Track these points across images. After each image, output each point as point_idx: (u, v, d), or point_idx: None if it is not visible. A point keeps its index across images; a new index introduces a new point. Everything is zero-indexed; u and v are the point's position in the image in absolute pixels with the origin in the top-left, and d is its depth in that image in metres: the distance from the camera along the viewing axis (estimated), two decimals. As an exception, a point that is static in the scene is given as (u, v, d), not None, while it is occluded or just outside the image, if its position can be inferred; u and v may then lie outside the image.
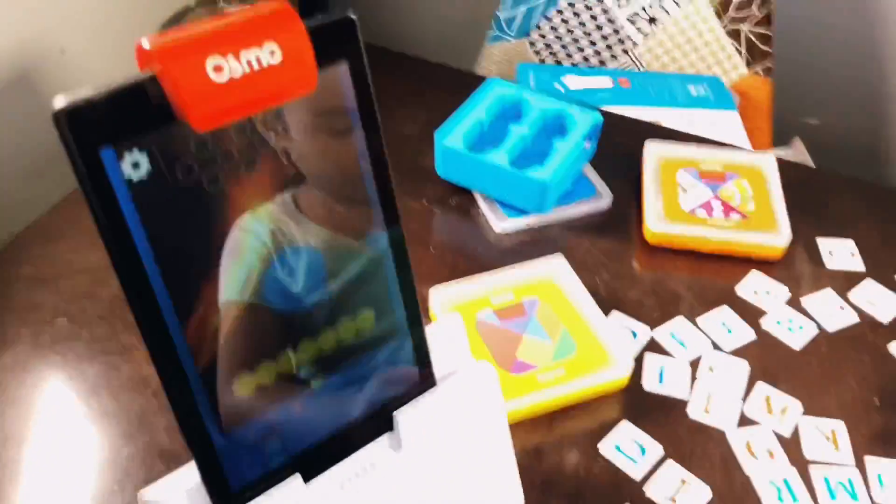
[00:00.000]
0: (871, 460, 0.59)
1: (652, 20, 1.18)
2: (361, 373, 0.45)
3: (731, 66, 1.17)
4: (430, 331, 0.48)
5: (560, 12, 1.20)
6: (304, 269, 0.42)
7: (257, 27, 0.34)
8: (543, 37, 1.22)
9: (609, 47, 1.21)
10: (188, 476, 0.42)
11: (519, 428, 0.60)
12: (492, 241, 0.76)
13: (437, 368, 0.49)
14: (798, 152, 1.19)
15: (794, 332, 0.68)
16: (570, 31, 1.21)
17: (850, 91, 1.31)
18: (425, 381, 0.48)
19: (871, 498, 0.57)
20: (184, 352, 0.38)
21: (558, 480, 0.58)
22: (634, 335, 0.67)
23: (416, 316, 0.47)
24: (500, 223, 0.76)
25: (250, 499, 0.43)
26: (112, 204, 0.34)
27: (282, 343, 0.42)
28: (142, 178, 0.34)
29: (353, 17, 0.38)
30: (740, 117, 1.06)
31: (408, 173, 0.81)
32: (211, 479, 0.41)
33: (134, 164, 0.34)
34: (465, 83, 0.86)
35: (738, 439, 0.60)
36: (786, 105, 1.28)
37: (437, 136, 0.76)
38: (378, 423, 0.47)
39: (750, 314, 0.70)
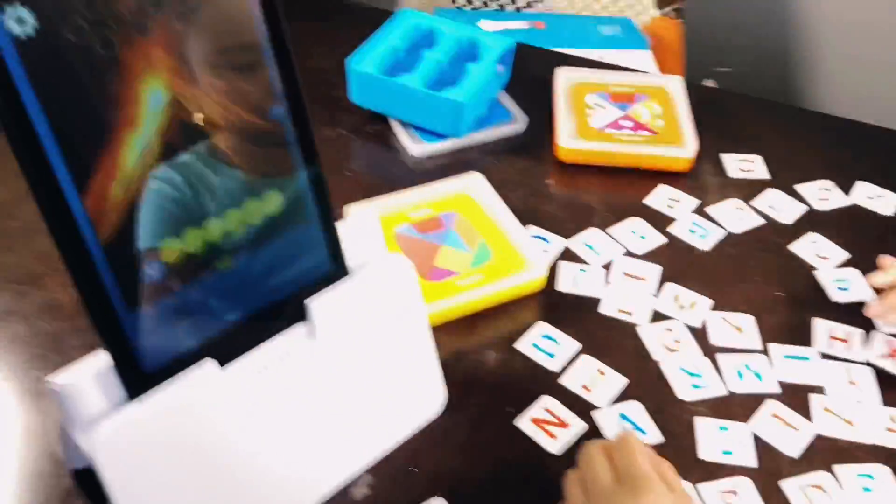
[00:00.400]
0: (774, 347, 0.62)
1: (565, -34, 1.20)
2: (271, 257, 0.45)
3: (643, 8, 1.20)
4: (342, 224, 0.49)
5: (475, -40, 1.21)
6: (204, 154, 0.41)
7: None
8: (461, -15, 1.23)
9: (525, -5, 1.23)
10: (100, 360, 0.42)
11: (440, 331, 0.60)
12: (409, 165, 0.77)
13: (351, 260, 0.49)
14: (709, 93, 1.22)
15: (702, 237, 0.71)
16: (486, -20, 1.23)
17: (760, 39, 1.36)
18: (338, 270, 0.49)
19: (775, 379, 0.60)
20: (84, 223, 0.38)
21: (479, 377, 0.59)
22: (549, 243, 0.69)
23: (326, 203, 0.47)
24: (417, 147, 0.77)
25: (163, 380, 0.43)
26: (-2, 59, 0.33)
27: (189, 220, 0.41)
28: (28, 35, 0.34)
29: None
30: (653, 57, 1.08)
31: (323, 103, 0.81)
32: (120, 359, 0.41)
33: (19, 20, 0.34)
34: (379, 20, 0.86)
35: (650, 333, 0.63)
36: (698, 53, 1.32)
37: (349, 63, 0.77)
38: (293, 312, 0.47)
39: (659, 223, 0.72)
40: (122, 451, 0.42)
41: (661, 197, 0.74)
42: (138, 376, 0.42)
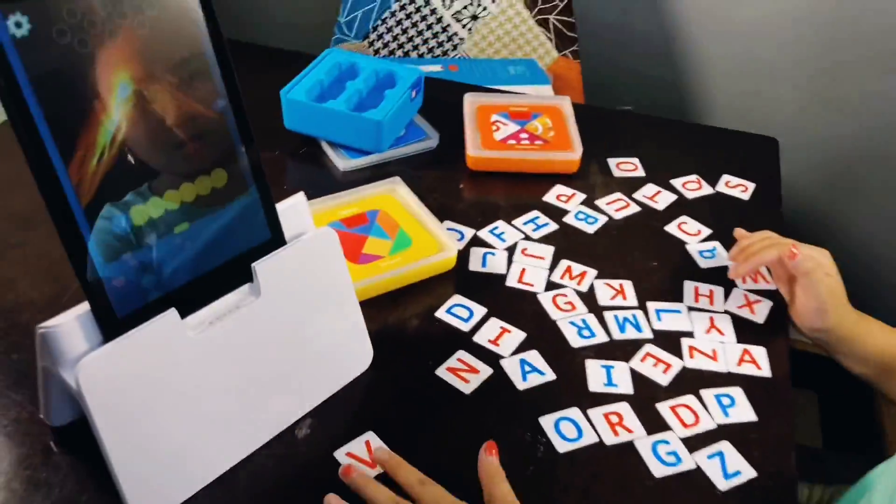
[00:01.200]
0: (651, 304, 0.74)
1: (474, 17, 1.34)
2: (221, 223, 0.55)
3: (545, 52, 1.35)
4: (279, 206, 0.59)
5: (393, 14, 1.35)
6: (161, 134, 0.52)
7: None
8: (381, 37, 1.37)
9: (440, 44, 1.37)
10: (81, 308, 0.51)
11: (369, 305, 0.71)
12: (338, 178, 0.88)
13: (288, 232, 0.60)
14: (609, 123, 1.37)
15: (589, 223, 0.83)
16: (404, 31, 1.36)
17: (656, 78, 1.51)
18: (276, 239, 0.59)
19: (651, 328, 0.72)
20: (69, 189, 0.48)
21: (403, 340, 0.69)
22: (462, 235, 0.80)
23: (263, 180, 0.57)
24: (344, 163, 0.88)
25: (134, 326, 0.52)
26: (1, 57, 0.43)
27: (151, 187, 0.51)
28: (24, 36, 0.44)
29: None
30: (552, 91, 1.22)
31: (262, 131, 0.91)
32: (97, 304, 0.51)
33: (17, 24, 0.44)
34: (306, 62, 0.98)
35: (546, 298, 0.74)
36: (599, 93, 1.47)
37: (282, 94, 0.88)
38: (241, 274, 0.58)
39: (554, 214, 0.84)
40: (102, 382, 0.51)
41: (555, 194, 0.87)
42: (112, 321, 0.52)
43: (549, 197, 0.86)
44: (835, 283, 0.69)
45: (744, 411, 0.65)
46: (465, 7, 1.34)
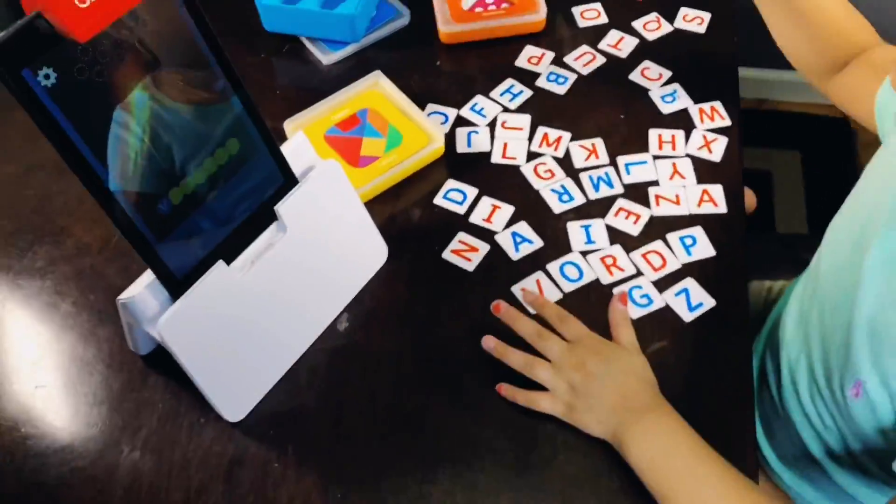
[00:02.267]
0: (620, 158, 0.84)
1: None
2: (243, 182, 0.65)
3: None
4: (284, 148, 0.68)
5: None
6: (179, 125, 0.60)
7: (96, -37, 0.50)
8: None
9: None
10: (147, 277, 0.62)
11: (375, 203, 0.81)
12: (324, 72, 0.94)
13: (297, 171, 0.69)
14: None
15: (560, 84, 0.90)
16: None
17: None
18: (290, 181, 0.69)
19: (622, 183, 0.82)
20: (116, 189, 0.57)
21: (409, 230, 0.80)
22: (446, 118, 0.88)
23: (270, 138, 0.66)
24: (326, 57, 0.94)
25: (192, 282, 0.63)
26: (40, 104, 0.52)
27: (181, 171, 0.61)
28: (53, 84, 0.52)
29: (157, -64, 0.54)
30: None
31: (243, 35, 0.97)
32: (161, 273, 0.62)
33: (45, 76, 0.52)
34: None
35: (528, 169, 0.84)
36: None
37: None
38: (266, 217, 0.68)
39: (528, 78, 0.91)
40: (179, 331, 0.63)
41: (526, 57, 0.93)
42: (175, 283, 0.63)
43: (521, 61, 0.93)
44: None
45: (704, 248, 0.78)
46: None
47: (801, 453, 0.77)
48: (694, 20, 0.96)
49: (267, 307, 0.70)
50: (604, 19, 0.97)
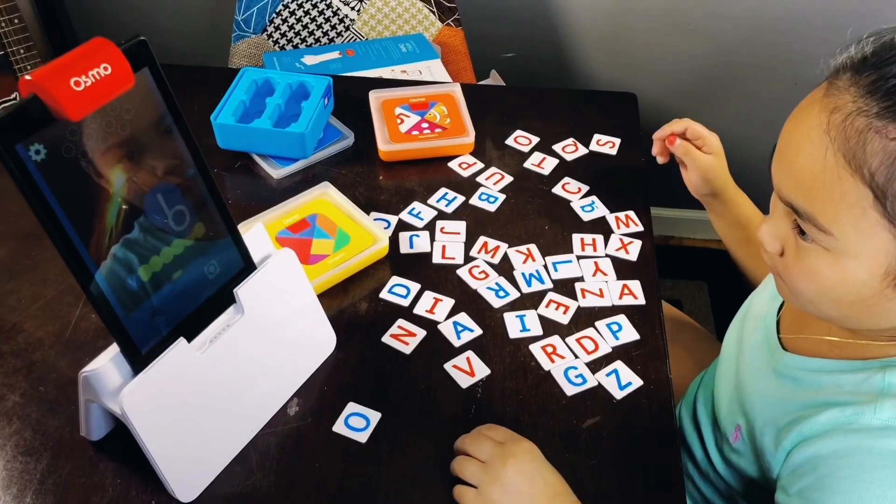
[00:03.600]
0: (549, 258, 0.92)
1: (360, -1, 1.46)
2: (206, 264, 0.70)
3: (430, 24, 1.49)
4: (245, 237, 0.74)
5: (286, 6, 1.45)
6: (151, 206, 0.65)
7: (94, 55, 0.57)
8: (278, 29, 1.47)
9: (333, 27, 1.49)
10: (111, 351, 0.65)
11: (325, 297, 0.86)
12: (273, 186, 1.02)
13: (256, 258, 0.75)
14: (495, 80, 1.53)
15: (490, 203, 1.00)
16: (298, 20, 1.47)
17: (533, 29, 1.67)
18: (249, 267, 0.74)
19: (551, 279, 0.90)
20: (90, 263, 0.61)
21: (357, 321, 0.85)
22: (388, 224, 0.96)
23: (233, 225, 0.72)
24: (276, 172, 1.02)
25: (154, 357, 0.66)
26: (29, 177, 0.57)
27: (153, 251, 0.65)
28: (43, 159, 0.57)
29: (144, 38, 0.62)
30: (443, 63, 1.37)
31: (196, 153, 1.04)
32: (125, 347, 0.65)
33: (36, 152, 0.57)
34: (223, 77, 1.10)
35: (464, 271, 0.91)
36: (483, 47, 1.62)
37: (212, 119, 1.00)
38: (225, 299, 0.72)
39: (461, 187, 1.01)
40: (139, 405, 0.65)
41: (458, 172, 1.03)
42: (138, 357, 0.66)
43: (455, 175, 1.03)
44: (713, 160, 0.91)
45: (629, 334, 0.85)
46: (350, -9, 1.46)
47: None
48: (606, 144, 1.08)
49: (222, 387, 0.72)
50: (527, 143, 1.08)
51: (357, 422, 0.77)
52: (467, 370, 0.81)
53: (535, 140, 1.09)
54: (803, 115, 0.59)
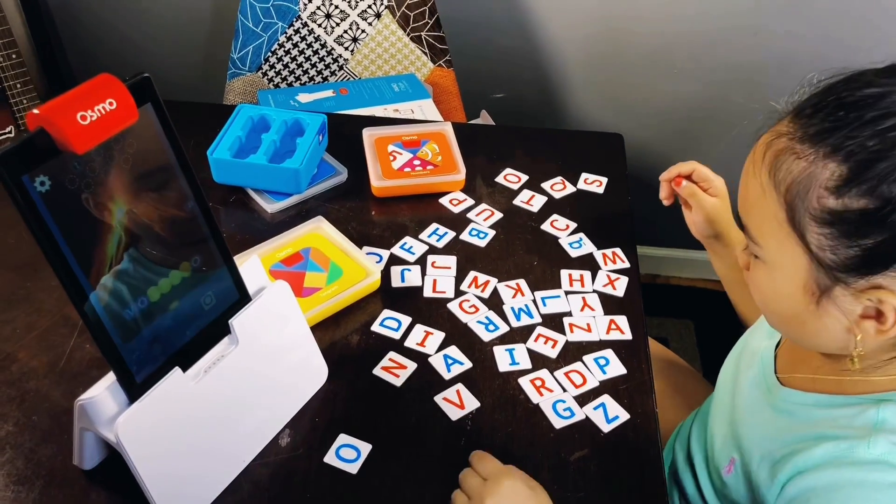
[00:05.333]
0: (537, 293, 0.94)
1: (354, 39, 1.50)
2: (202, 295, 0.71)
3: (422, 64, 1.52)
4: (241, 269, 0.75)
5: (281, 45, 1.49)
6: (151, 238, 0.67)
7: (100, 90, 0.59)
8: (273, 67, 1.50)
9: (327, 66, 1.52)
10: (107, 379, 0.66)
11: (317, 329, 0.88)
12: (268, 220, 1.03)
13: (251, 289, 0.76)
14: (486, 120, 1.56)
15: (480, 238, 1.02)
16: (293, 59, 1.51)
17: (522, 70, 1.70)
18: (244, 298, 0.75)
19: (539, 314, 0.92)
20: (91, 292, 0.62)
21: (348, 353, 0.87)
22: (380, 258, 0.98)
23: (229, 256, 0.73)
24: (270, 207, 1.04)
25: (150, 387, 0.67)
26: (33, 208, 0.58)
27: (150, 281, 0.67)
28: (47, 190, 0.59)
29: (148, 75, 0.64)
30: (434, 102, 1.40)
31: (192, 187, 1.06)
32: (121, 375, 0.66)
33: (41, 183, 0.59)
34: (220, 114, 1.12)
35: (455, 305, 0.93)
36: (474, 88, 1.66)
37: (208, 154, 1.02)
38: (220, 330, 0.74)
39: (452, 223, 1.03)
40: (134, 433, 0.66)
41: (449, 208, 1.05)
42: (134, 386, 0.67)
43: (446, 211, 1.05)
44: (718, 202, 0.93)
45: (616, 368, 0.87)
46: (345, 32, 1.49)
47: None
48: (594, 183, 1.11)
49: (216, 417, 0.73)
50: (516, 180, 1.11)
51: (348, 453, 0.77)
52: (457, 402, 0.82)
53: (525, 178, 1.11)
54: (754, 148, 0.66)
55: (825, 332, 0.64)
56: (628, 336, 0.90)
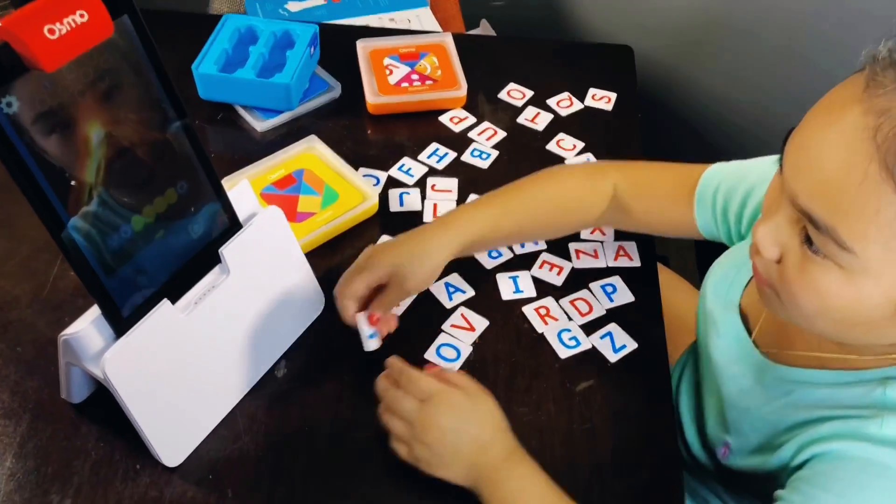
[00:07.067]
0: (542, 217, 0.90)
1: (347, -57, 1.40)
2: (189, 223, 0.67)
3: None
4: (230, 194, 0.71)
5: (269, -51, 1.39)
6: (132, 163, 0.62)
7: (68, 1, 0.53)
8: (260, -28, 1.41)
9: (318, -28, 1.43)
10: (92, 312, 0.63)
11: (313, 256, 0.84)
12: (257, 139, 0.98)
13: (241, 216, 0.72)
14: (486, 30, 1.49)
15: (483, 159, 0.97)
16: (281, -36, 1.41)
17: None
18: (234, 225, 0.71)
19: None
20: (68, 221, 0.58)
21: (345, 281, 0.83)
22: (378, 180, 0.93)
23: (217, 182, 0.69)
24: (260, 124, 0.98)
25: (138, 320, 0.64)
26: (1, 131, 0.53)
27: (132, 208, 0.62)
28: (15, 112, 0.54)
29: (129, -15, 0.57)
30: (432, 10, 1.32)
31: (177, 103, 1.00)
32: (106, 309, 0.62)
33: (8, 104, 0.53)
34: (205, 24, 1.05)
35: (457, 226, 0.88)
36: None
37: (193, 68, 0.96)
38: (211, 259, 0.70)
39: (452, 143, 0.98)
40: (123, 368, 0.63)
41: (449, 126, 1.00)
42: (120, 320, 0.63)
43: (446, 129, 1.00)
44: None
45: (624, 295, 0.83)
46: (336, -66, 1.40)
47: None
48: (602, 99, 1.05)
49: (208, 349, 0.70)
50: (520, 96, 1.05)
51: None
52: (466, 325, 0.79)
53: (529, 94, 1.05)
54: (840, 114, 0.50)
55: (893, 335, 0.56)
56: (637, 263, 0.87)
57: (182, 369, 0.68)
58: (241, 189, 0.73)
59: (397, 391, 0.69)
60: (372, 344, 0.74)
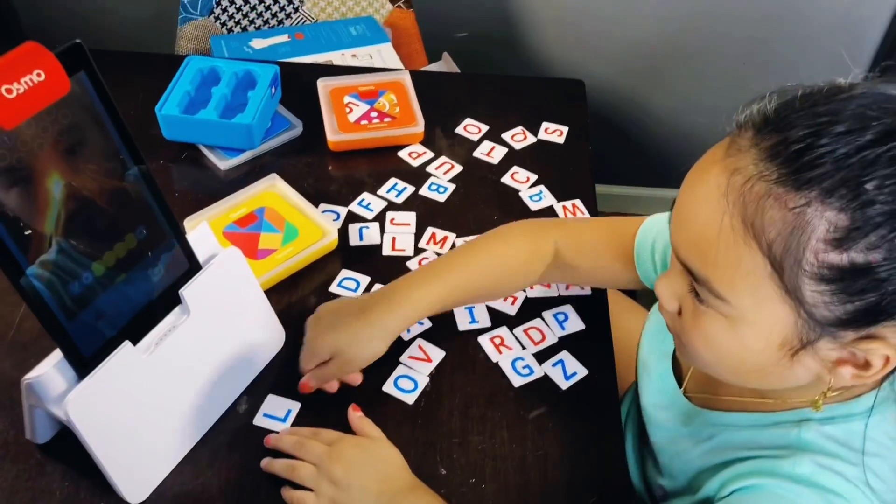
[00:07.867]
0: (497, 249, 0.93)
1: (309, -20, 1.44)
2: (149, 267, 0.69)
3: (380, 6, 1.47)
4: (189, 237, 0.73)
5: (233, -12, 1.43)
6: (92, 211, 0.64)
7: (26, 61, 0.56)
8: (225, 11, 1.45)
9: (282, 8, 1.46)
10: (55, 356, 0.65)
11: (273, 292, 0.86)
12: (221, 177, 1.01)
13: (201, 257, 0.74)
14: (447, 63, 1.53)
15: (440, 193, 1.00)
16: (246, 2, 1.45)
17: (485, 9, 1.66)
18: (194, 267, 0.74)
19: (499, 270, 0.91)
20: (27, 268, 0.60)
21: (305, 316, 0.85)
22: (338, 215, 0.96)
23: (176, 225, 0.71)
24: (224, 163, 1.01)
25: (99, 361, 0.66)
26: (-39, 187, 0.55)
27: (93, 256, 0.64)
28: (-24, 168, 0.56)
29: (80, 41, 0.60)
30: (393, 46, 1.36)
31: (142, 143, 1.02)
32: (68, 352, 0.65)
33: (-32, 160, 0.55)
34: (170, 65, 1.08)
35: (414, 263, 0.91)
36: (434, 28, 1.61)
37: (157, 109, 0.99)
38: (171, 300, 0.72)
39: (410, 178, 1.01)
40: (85, 410, 0.65)
41: (408, 163, 1.03)
42: (82, 362, 0.66)
43: (404, 165, 1.03)
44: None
45: (575, 323, 0.87)
46: (299, -28, 1.43)
47: None
48: (554, 132, 1.09)
49: (170, 388, 0.72)
50: (476, 131, 1.08)
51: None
52: (423, 357, 0.82)
53: (485, 128, 1.09)
54: (703, 175, 0.55)
55: (790, 380, 0.58)
56: (587, 291, 0.90)
57: (144, 408, 0.70)
58: (201, 231, 0.76)
59: (305, 439, 0.73)
60: None
